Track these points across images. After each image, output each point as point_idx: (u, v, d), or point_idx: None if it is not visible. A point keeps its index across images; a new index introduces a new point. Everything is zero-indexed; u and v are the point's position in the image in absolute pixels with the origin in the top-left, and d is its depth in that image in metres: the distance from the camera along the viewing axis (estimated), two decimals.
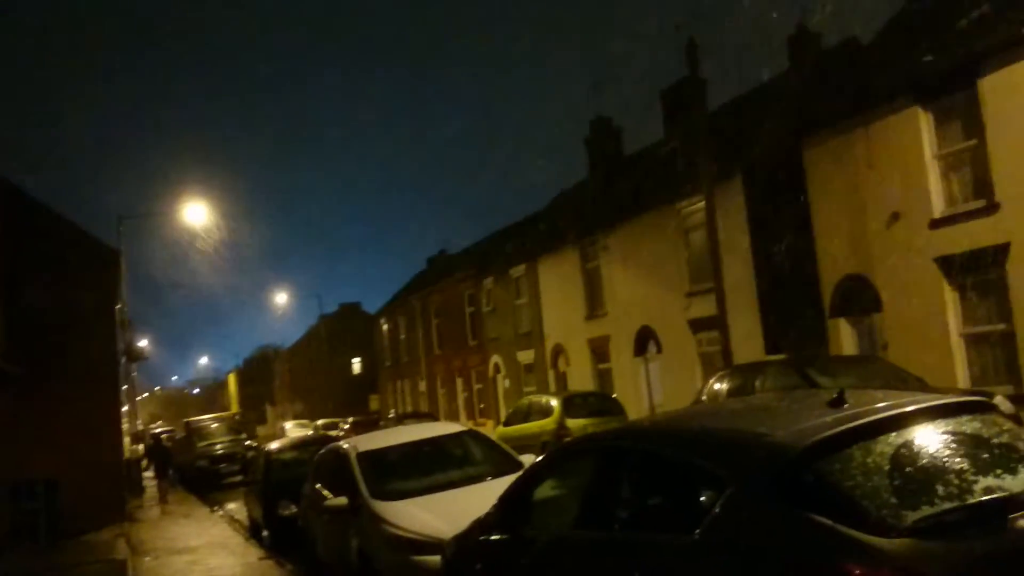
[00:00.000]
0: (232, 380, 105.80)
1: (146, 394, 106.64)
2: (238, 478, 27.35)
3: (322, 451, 11.17)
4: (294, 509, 11.98)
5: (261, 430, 64.32)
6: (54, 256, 19.04)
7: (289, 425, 51.94)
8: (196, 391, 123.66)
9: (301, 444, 16.80)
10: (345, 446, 9.91)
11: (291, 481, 12.78)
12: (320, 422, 46.18)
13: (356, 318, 67.65)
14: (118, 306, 23.98)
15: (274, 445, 17.14)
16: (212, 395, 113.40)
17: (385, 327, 51.00)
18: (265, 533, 14.64)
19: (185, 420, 38.74)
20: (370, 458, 9.27)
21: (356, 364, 69.38)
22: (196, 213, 30.11)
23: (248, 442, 33.03)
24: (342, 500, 8.75)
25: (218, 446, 31.33)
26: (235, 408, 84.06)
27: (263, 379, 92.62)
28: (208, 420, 35.44)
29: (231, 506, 21.31)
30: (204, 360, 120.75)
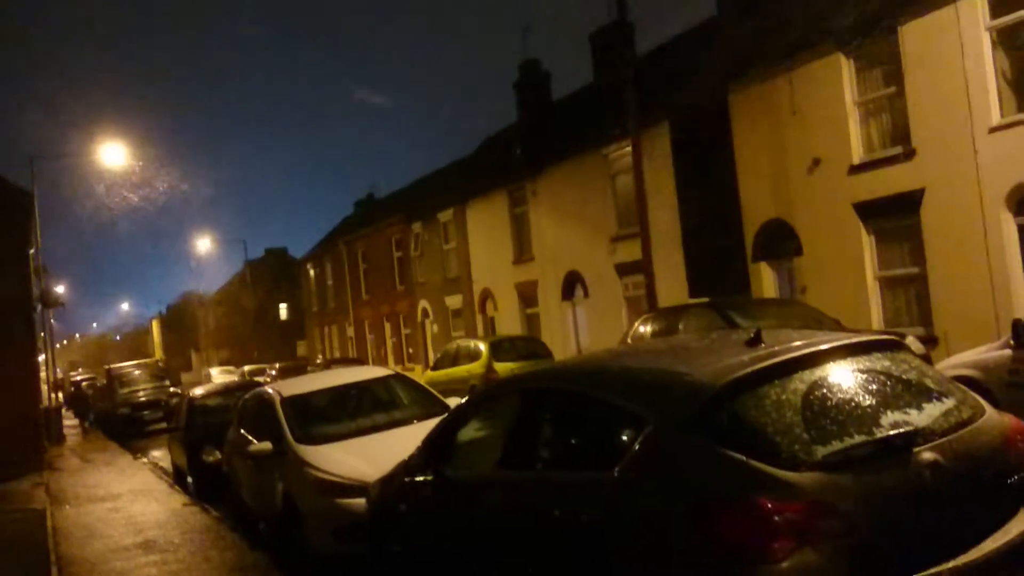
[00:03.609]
0: (155, 327, 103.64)
1: (65, 341, 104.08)
2: (162, 425, 27.00)
3: (246, 396, 11.04)
4: (218, 455, 11.87)
5: (186, 377, 63.30)
6: None
7: (215, 371, 51.21)
8: (118, 338, 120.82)
9: (225, 390, 16.58)
10: (270, 391, 9.81)
11: (216, 427, 12.64)
12: (247, 368, 45.63)
13: (282, 263, 66.61)
14: (32, 251, 23.18)
15: (198, 391, 16.89)
16: (134, 342, 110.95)
17: (312, 272, 50.39)
18: (189, 480, 14.50)
19: (106, 367, 37.83)
20: (295, 403, 9.20)
21: (283, 310, 68.55)
22: (114, 155, 29.15)
23: (172, 389, 32.53)
24: (266, 445, 8.68)
25: (141, 393, 30.77)
26: (158, 355, 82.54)
27: (187, 325, 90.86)
28: (130, 367, 34.66)
29: (155, 453, 21.02)
30: (125, 306, 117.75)
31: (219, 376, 45.39)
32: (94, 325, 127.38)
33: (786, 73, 17.24)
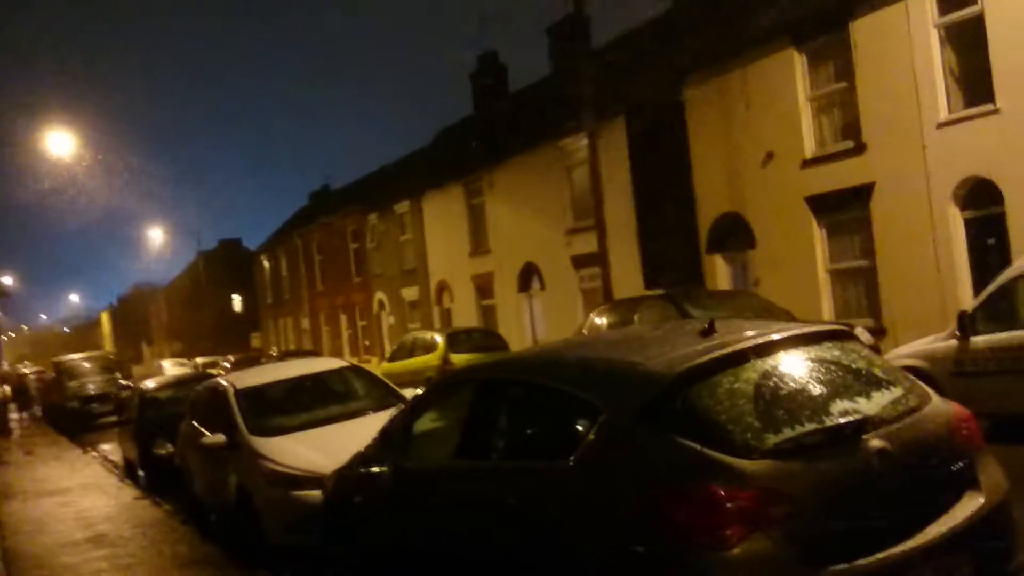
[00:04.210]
0: (105, 319, 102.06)
1: (12, 334, 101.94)
2: (112, 419, 26.55)
3: (199, 388, 10.94)
4: (171, 448, 11.74)
5: (137, 369, 62.43)
6: None
7: (167, 364, 50.54)
8: (66, 330, 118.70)
9: (178, 382, 16.39)
10: (223, 383, 9.71)
11: (168, 420, 12.50)
12: (200, 360, 45.09)
13: (236, 255, 65.86)
14: None
15: (149, 383, 16.68)
16: (84, 334, 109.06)
17: (266, 264, 49.89)
18: (141, 473, 14.32)
19: (54, 359, 37.13)
20: (249, 394, 9.11)
21: (237, 302, 67.78)
22: (62, 143, 28.50)
23: (122, 381, 32.03)
24: (220, 437, 8.59)
25: (90, 386, 30.25)
26: (108, 347, 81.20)
27: (139, 318, 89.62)
28: (79, 359, 34.02)
29: (105, 447, 20.68)
30: (75, 298, 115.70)
31: (171, 369, 44.79)
32: (43, 317, 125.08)
33: (740, 68, 17.42)
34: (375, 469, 5.65)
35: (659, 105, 19.58)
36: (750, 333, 4.18)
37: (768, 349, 4.03)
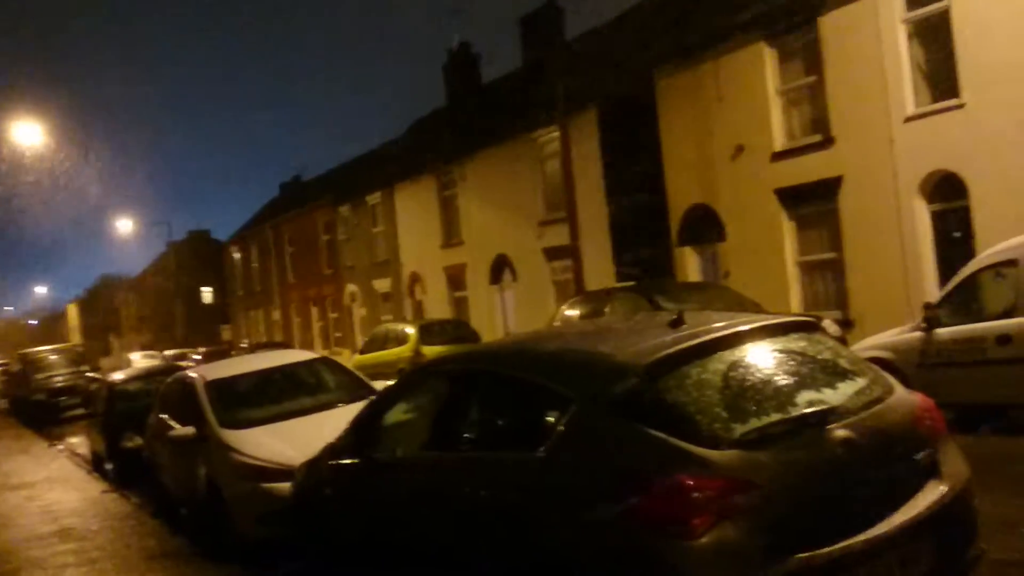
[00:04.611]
0: (73, 310, 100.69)
1: None
2: (79, 411, 26.31)
3: (168, 380, 10.86)
4: (139, 441, 11.64)
5: (106, 362, 61.68)
6: None
7: (136, 356, 50.00)
8: (33, 322, 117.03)
9: (146, 375, 16.25)
10: (192, 375, 9.65)
11: (136, 412, 12.38)
12: (169, 353, 44.68)
13: (206, 246, 65.19)
14: None
15: (118, 376, 16.52)
16: (51, 327, 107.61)
17: (237, 255, 49.52)
18: (109, 466, 14.19)
19: (21, 352, 36.67)
20: (218, 387, 9.04)
21: (207, 293, 67.13)
22: (28, 133, 28.08)
23: (90, 374, 31.71)
24: (189, 430, 8.54)
25: (57, 378, 29.96)
26: (74, 339, 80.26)
27: (107, 309, 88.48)
28: (46, 352, 33.69)
29: (73, 440, 20.49)
30: (41, 290, 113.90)
31: (141, 361, 44.33)
32: (8, 309, 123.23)
33: (712, 61, 17.50)
34: (345, 461, 5.64)
35: (631, 98, 19.63)
36: (718, 324, 4.22)
37: (736, 340, 4.06)
